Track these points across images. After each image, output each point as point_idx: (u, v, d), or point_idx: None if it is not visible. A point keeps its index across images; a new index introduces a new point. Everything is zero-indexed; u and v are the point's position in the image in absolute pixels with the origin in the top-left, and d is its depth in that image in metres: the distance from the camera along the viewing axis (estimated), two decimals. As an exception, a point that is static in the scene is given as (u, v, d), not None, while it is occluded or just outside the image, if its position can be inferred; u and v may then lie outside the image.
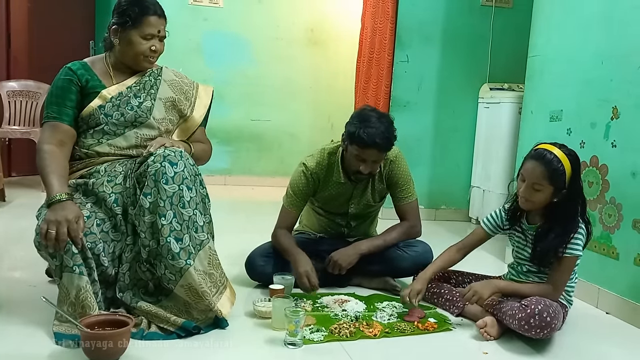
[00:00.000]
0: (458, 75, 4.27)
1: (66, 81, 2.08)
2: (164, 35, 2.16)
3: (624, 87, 2.45)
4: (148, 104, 2.15)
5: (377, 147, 2.28)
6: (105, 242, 1.93)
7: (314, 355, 1.88)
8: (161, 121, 2.17)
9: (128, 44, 2.11)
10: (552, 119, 2.90)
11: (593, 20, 2.66)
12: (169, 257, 1.89)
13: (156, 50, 2.13)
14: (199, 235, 1.96)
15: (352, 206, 2.56)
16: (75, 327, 1.79)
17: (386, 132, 2.29)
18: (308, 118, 5.63)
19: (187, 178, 1.94)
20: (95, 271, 1.89)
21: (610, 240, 2.49)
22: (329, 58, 5.58)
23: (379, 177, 2.52)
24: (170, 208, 1.90)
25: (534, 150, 2.12)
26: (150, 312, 1.93)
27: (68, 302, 1.84)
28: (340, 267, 2.42)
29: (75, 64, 2.13)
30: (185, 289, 1.92)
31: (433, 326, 2.13)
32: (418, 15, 4.18)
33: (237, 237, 2.56)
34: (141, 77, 2.19)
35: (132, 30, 2.09)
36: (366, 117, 2.31)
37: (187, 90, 2.28)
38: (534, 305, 1.96)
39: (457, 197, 4.38)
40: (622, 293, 2.41)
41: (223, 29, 5.32)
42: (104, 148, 2.10)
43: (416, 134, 4.25)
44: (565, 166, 2.03)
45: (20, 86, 4.75)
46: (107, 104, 2.10)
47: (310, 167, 2.47)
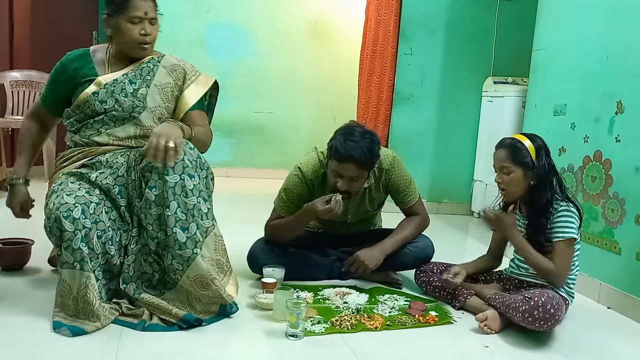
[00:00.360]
0: (462, 68, 4.25)
1: (59, 67, 2.17)
2: (154, 17, 2.10)
3: (628, 81, 2.44)
4: (143, 91, 2.13)
5: (354, 161, 2.16)
6: (113, 229, 1.95)
7: (315, 347, 1.88)
8: (154, 109, 2.13)
9: (119, 31, 2.09)
10: (556, 113, 2.88)
11: (598, 15, 2.65)
12: (176, 247, 1.90)
13: (146, 33, 2.08)
14: (204, 222, 1.96)
15: (349, 216, 2.51)
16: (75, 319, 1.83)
17: (366, 148, 2.18)
18: (310, 111, 5.61)
19: (188, 166, 1.93)
20: (99, 261, 1.89)
21: (612, 235, 2.48)
22: (332, 50, 5.56)
23: (376, 186, 2.44)
24: (173, 198, 1.90)
25: (499, 141, 2.20)
26: (152, 304, 1.93)
27: (71, 297, 1.85)
28: (367, 267, 2.36)
29: (73, 52, 2.18)
30: (191, 280, 1.92)
31: (434, 319, 2.14)
32: (422, 8, 4.17)
33: (238, 229, 2.55)
34: (139, 65, 2.17)
35: (120, 17, 2.06)
36: (349, 131, 2.23)
37: (187, 73, 2.22)
38: (537, 298, 1.96)
39: (460, 191, 4.38)
40: (624, 288, 2.41)
41: (226, 21, 5.30)
42: (103, 138, 2.10)
43: (419, 127, 4.24)
44: (527, 145, 2.10)
45: (23, 76, 4.74)
46: (101, 90, 2.09)
47: (306, 173, 2.38)
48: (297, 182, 2.39)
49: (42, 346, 1.74)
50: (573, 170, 2.74)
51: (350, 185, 2.25)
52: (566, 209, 2.09)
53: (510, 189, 2.15)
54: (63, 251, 1.84)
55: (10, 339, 1.78)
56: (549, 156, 2.14)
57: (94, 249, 1.87)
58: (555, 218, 2.09)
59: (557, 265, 2.07)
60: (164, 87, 2.17)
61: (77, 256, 1.83)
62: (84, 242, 1.84)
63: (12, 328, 1.85)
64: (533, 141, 2.13)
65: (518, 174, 2.11)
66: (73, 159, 2.10)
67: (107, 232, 1.92)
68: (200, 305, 1.96)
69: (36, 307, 1.99)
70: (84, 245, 1.84)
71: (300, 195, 2.40)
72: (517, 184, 2.12)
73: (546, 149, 2.15)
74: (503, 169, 2.13)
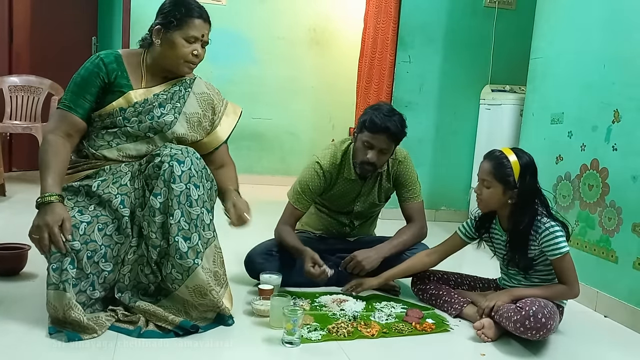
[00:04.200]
0: (460, 76, 4.27)
1: (93, 73, 2.00)
2: (207, 41, 2.08)
3: (625, 90, 2.45)
4: (169, 117, 2.07)
5: (387, 132, 2.31)
6: (109, 246, 1.91)
7: (312, 355, 1.88)
8: (181, 138, 2.09)
9: (170, 46, 2.03)
10: (554, 122, 2.90)
11: (596, 24, 2.66)
12: (177, 256, 1.89)
13: (198, 55, 2.06)
14: (206, 233, 1.96)
15: (357, 204, 2.57)
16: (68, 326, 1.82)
17: (398, 121, 2.34)
18: (309, 118, 5.62)
19: (194, 176, 1.93)
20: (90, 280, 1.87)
21: (609, 244, 2.49)
22: (330, 58, 5.58)
23: (387, 176, 2.54)
24: (178, 207, 1.89)
25: (489, 151, 2.18)
26: (148, 311, 1.92)
27: (60, 315, 1.82)
28: (363, 268, 2.40)
29: (109, 56, 2.04)
30: (190, 290, 1.91)
31: (431, 327, 2.13)
32: (421, 16, 4.18)
33: (236, 235, 2.55)
34: (171, 86, 2.11)
35: (176, 32, 2.01)
36: (379, 107, 2.39)
37: (216, 105, 2.21)
38: (528, 307, 1.96)
39: (458, 198, 4.38)
40: (621, 297, 2.41)
41: (225, 28, 5.32)
42: (112, 153, 2.04)
43: (417, 135, 4.24)
44: (512, 163, 2.07)
45: (22, 81, 4.74)
46: (129, 108, 2.03)
47: (325, 166, 2.47)
48: (314, 176, 2.47)
49: (39, 352, 1.73)
50: (570, 178, 2.74)
51: (378, 158, 2.36)
52: (548, 228, 2.05)
53: (486, 201, 2.14)
54: (50, 272, 1.82)
55: (6, 345, 1.77)
56: (534, 176, 2.10)
57: (82, 269, 1.85)
58: (543, 239, 2.06)
59: (568, 280, 2.07)
60: (192, 116, 2.14)
61: (63, 277, 1.80)
62: (72, 264, 1.82)
63: (8, 334, 1.84)
64: (520, 158, 2.08)
65: (497, 190, 2.09)
66: (78, 169, 2.05)
67: (100, 250, 1.88)
68: (197, 313, 1.95)
69: (32, 313, 1.98)
70: (71, 268, 1.82)
71: (316, 189, 2.49)
72: (493, 199, 2.12)
73: (533, 168, 2.10)
74: (484, 181, 2.12)
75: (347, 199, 2.56)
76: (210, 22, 2.09)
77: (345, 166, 2.49)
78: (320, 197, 2.57)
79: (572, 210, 2.71)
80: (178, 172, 1.89)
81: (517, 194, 2.08)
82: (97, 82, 2.00)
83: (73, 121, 2.00)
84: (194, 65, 2.10)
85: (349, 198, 2.56)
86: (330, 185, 2.51)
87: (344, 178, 2.50)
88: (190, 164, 1.92)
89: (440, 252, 2.35)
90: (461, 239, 2.32)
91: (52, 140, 1.95)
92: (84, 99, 2.00)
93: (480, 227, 2.26)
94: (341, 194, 2.54)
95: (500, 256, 2.25)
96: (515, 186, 2.07)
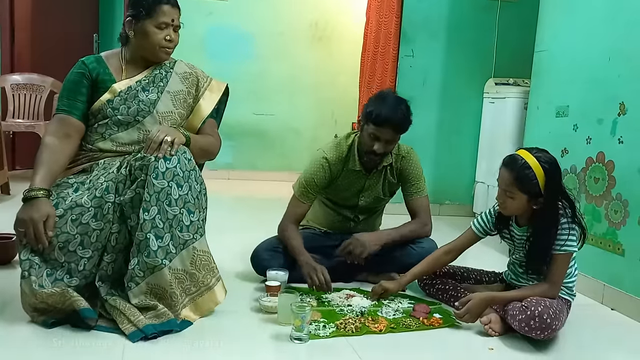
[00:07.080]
0: (463, 70, 4.25)
1: (79, 75, 2.09)
2: (178, 25, 2.14)
3: (631, 83, 2.44)
4: (153, 96, 2.13)
5: (392, 123, 2.31)
6: (85, 233, 1.90)
7: (320, 351, 1.88)
8: (166, 115, 2.14)
9: (143, 35, 2.09)
10: (559, 115, 2.89)
11: (600, 16, 2.65)
12: (145, 253, 1.87)
13: (171, 39, 2.12)
14: (183, 234, 1.93)
15: (362, 198, 2.57)
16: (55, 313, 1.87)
17: (403, 112, 2.35)
18: (311, 113, 5.62)
19: (178, 175, 1.91)
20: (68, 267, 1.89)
21: (616, 237, 2.48)
22: (332, 53, 5.57)
23: (391, 170, 2.54)
24: (155, 204, 1.88)
25: (508, 156, 2.08)
26: (116, 308, 1.90)
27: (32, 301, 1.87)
28: (364, 249, 2.38)
29: (89, 58, 2.14)
30: (150, 287, 1.90)
31: (438, 322, 2.13)
32: (423, 10, 4.16)
33: (240, 232, 2.56)
34: (152, 71, 2.17)
35: (147, 21, 2.07)
36: (384, 97, 2.39)
37: (200, 81, 2.25)
38: (534, 307, 1.94)
39: (461, 193, 4.37)
40: (628, 289, 2.41)
41: (228, 23, 5.31)
42: (106, 144, 2.08)
43: (420, 129, 4.20)
44: (536, 173, 1.98)
45: (24, 79, 4.74)
46: (116, 97, 2.09)
47: (331, 159, 2.48)
48: (320, 170, 2.47)
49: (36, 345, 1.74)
50: (576, 171, 2.74)
51: (386, 147, 2.38)
52: (568, 226, 2.02)
53: (509, 209, 2.09)
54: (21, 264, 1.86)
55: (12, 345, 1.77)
56: (559, 179, 2.04)
57: (56, 259, 1.88)
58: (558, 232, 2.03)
59: (551, 277, 2.04)
60: (177, 94, 2.18)
61: (26, 266, 1.84)
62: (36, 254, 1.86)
63: (12, 336, 1.84)
64: (546, 169, 1.98)
65: (521, 200, 2.03)
66: (77, 162, 2.09)
67: (74, 239, 1.88)
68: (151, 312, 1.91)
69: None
70: (32, 256, 1.85)
71: (321, 183, 2.49)
72: (518, 208, 2.07)
73: (557, 173, 2.03)
74: (507, 192, 2.04)
75: (352, 191, 2.55)
76: (179, 6, 2.15)
77: (350, 158, 2.49)
78: (326, 190, 2.56)
79: (578, 203, 2.70)
80: (162, 168, 1.88)
81: (542, 201, 2.02)
82: (85, 81, 2.08)
83: (71, 122, 2.06)
84: (170, 49, 2.15)
85: (354, 190, 2.55)
86: (336, 178, 2.51)
87: (349, 169, 2.50)
88: (176, 162, 1.91)
89: (457, 248, 2.33)
90: (475, 234, 2.29)
91: (49, 141, 2.01)
92: (77, 101, 2.07)
93: (500, 223, 2.22)
94: (346, 185, 2.53)
95: (512, 252, 2.24)
96: (541, 194, 2.01)
